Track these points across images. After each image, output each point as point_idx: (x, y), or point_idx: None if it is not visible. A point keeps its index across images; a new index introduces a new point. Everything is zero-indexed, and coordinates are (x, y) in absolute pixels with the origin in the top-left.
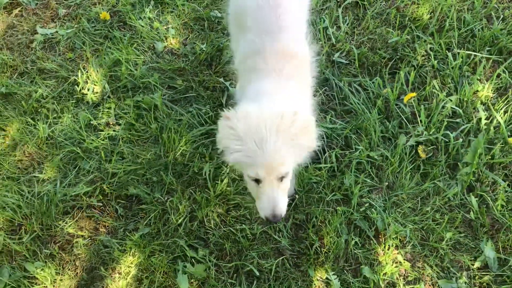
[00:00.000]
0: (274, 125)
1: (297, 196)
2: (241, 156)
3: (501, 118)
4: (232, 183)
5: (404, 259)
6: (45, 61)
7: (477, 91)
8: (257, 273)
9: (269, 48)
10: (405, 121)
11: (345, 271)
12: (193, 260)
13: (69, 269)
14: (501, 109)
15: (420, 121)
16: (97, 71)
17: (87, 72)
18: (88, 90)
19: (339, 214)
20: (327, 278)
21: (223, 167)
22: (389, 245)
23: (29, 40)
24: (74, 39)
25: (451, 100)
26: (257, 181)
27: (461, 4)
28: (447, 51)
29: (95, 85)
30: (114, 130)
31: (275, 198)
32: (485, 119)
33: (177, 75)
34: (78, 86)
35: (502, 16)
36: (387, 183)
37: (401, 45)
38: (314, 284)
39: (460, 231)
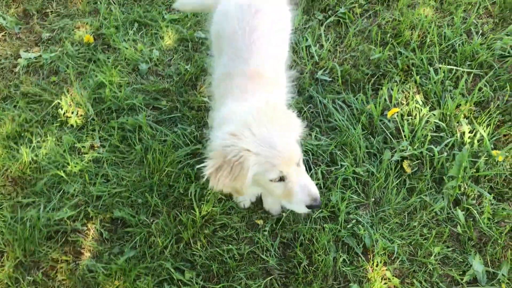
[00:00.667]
0: (265, 120)
1: (284, 214)
2: (259, 166)
3: (484, 131)
4: (218, 203)
5: (393, 275)
6: (29, 85)
7: (460, 105)
8: None
9: (239, 71)
10: (390, 136)
11: None
12: (180, 283)
13: None
14: (484, 122)
15: (404, 136)
16: (81, 94)
17: (71, 95)
18: (72, 113)
19: (326, 232)
20: None
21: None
22: (377, 262)
23: (13, 65)
24: (58, 62)
25: (434, 115)
26: (281, 179)
27: (441, 20)
28: (429, 66)
29: (79, 108)
30: (98, 153)
31: (305, 183)
32: (469, 133)
33: (161, 95)
34: (62, 109)
35: (481, 31)
36: (373, 199)
37: (383, 61)
38: None
39: (448, 246)
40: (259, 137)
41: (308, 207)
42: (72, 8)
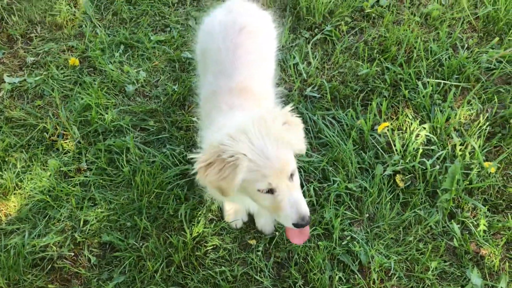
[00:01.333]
0: (263, 130)
1: (277, 233)
2: (249, 173)
3: (475, 143)
4: (209, 224)
5: None
6: (13, 109)
7: (449, 118)
8: None
9: (224, 88)
10: (381, 151)
11: None
12: None
13: None
14: (475, 134)
15: (396, 150)
16: (67, 117)
17: (56, 118)
18: (58, 136)
19: (321, 250)
20: None
21: (199, 207)
22: (374, 279)
23: None
24: (43, 86)
25: (425, 128)
26: (270, 191)
27: (427, 35)
28: (417, 80)
29: (65, 131)
30: (85, 176)
31: (295, 199)
32: (460, 145)
33: (149, 116)
34: (47, 133)
35: (466, 45)
36: (367, 215)
37: (371, 77)
38: None
39: (445, 260)
40: (255, 144)
41: (295, 225)
42: (57, 32)
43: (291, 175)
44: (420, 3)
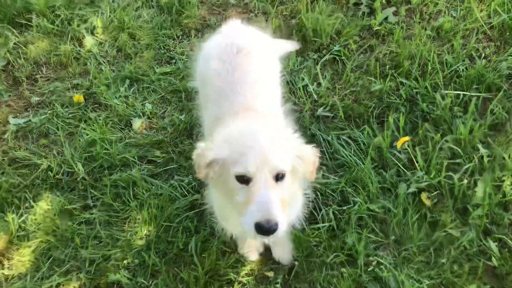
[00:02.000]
0: (267, 124)
1: (296, 263)
2: (228, 152)
3: (505, 153)
4: (222, 256)
5: None
6: (18, 150)
7: (473, 129)
8: None
9: (228, 111)
10: (402, 168)
11: None
12: None
13: None
14: (503, 144)
15: (418, 165)
16: (72, 154)
17: (61, 156)
18: (63, 174)
19: (345, 278)
20: None
21: (211, 239)
22: None
23: (1, 131)
24: (48, 125)
25: (447, 141)
26: (247, 182)
27: (440, 48)
28: (434, 93)
29: (69, 169)
30: (90, 213)
31: (268, 198)
32: (487, 157)
33: (156, 148)
34: (52, 172)
35: (483, 55)
36: (393, 237)
37: (385, 93)
38: None
39: (484, 282)
40: (252, 128)
41: (256, 226)
42: (62, 71)
43: (279, 177)
44: (430, 17)
